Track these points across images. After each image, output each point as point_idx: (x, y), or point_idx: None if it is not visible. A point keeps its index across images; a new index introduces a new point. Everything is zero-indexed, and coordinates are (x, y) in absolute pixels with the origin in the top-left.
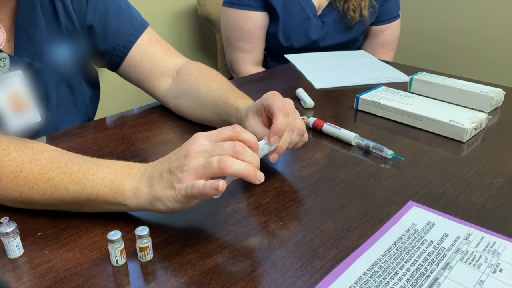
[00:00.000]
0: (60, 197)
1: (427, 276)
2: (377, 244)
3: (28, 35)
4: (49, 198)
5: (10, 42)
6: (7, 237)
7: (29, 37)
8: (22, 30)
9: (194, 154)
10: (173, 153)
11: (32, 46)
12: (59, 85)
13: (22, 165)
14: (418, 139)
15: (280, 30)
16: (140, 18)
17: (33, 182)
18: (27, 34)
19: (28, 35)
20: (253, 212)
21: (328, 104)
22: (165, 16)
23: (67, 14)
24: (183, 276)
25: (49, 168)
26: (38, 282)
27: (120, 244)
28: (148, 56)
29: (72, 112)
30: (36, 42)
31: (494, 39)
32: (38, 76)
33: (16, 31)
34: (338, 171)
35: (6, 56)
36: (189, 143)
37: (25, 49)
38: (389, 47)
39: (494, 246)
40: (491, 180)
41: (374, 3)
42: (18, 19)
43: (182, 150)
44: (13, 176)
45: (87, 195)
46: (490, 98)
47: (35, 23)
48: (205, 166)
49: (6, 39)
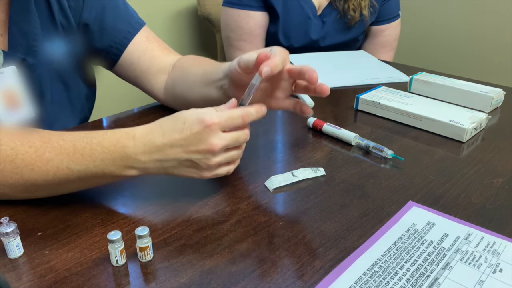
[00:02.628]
0: (65, 177)
1: (427, 276)
2: (377, 244)
3: (21, 30)
4: (53, 179)
5: (4, 37)
6: (7, 237)
7: (22, 32)
8: (16, 25)
9: (218, 151)
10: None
11: (26, 41)
12: (54, 81)
13: (16, 148)
14: (418, 139)
15: (280, 30)
16: (137, 16)
17: (33, 164)
18: (21, 29)
19: (21, 30)
20: (253, 212)
21: (328, 104)
22: (165, 16)
23: (61, 10)
24: (183, 276)
25: (45, 149)
26: (38, 282)
27: (120, 244)
28: (146, 54)
29: (67, 108)
30: (30, 38)
31: (494, 39)
32: (32, 71)
33: (9, 26)
34: (338, 171)
35: (0, 51)
36: (207, 135)
37: (19, 44)
38: (389, 47)
39: (494, 246)
40: (491, 180)
41: (374, 3)
42: (12, 14)
43: (202, 144)
44: (10, 160)
45: (93, 173)
46: (490, 98)
47: (28, 18)
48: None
49: (1, 35)
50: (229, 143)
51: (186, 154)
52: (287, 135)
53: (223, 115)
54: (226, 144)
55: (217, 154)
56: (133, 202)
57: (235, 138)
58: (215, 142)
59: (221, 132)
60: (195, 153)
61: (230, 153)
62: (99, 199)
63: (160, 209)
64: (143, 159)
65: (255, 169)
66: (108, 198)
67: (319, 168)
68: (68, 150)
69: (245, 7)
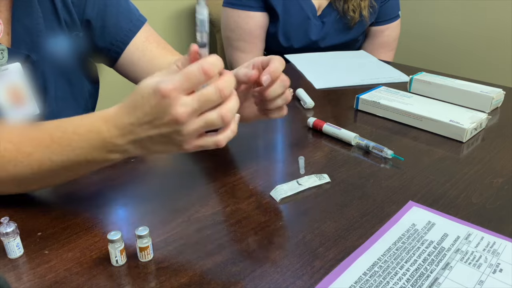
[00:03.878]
0: (50, 169)
1: (427, 276)
2: (377, 244)
3: (25, 27)
4: (39, 171)
5: (8, 34)
6: (7, 237)
7: (26, 29)
8: (19, 22)
9: (186, 119)
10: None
11: (29, 38)
12: (58, 77)
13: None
14: (418, 139)
15: (280, 30)
16: (138, 13)
17: (15, 159)
18: (25, 26)
19: (25, 27)
20: (253, 212)
21: (328, 104)
22: (165, 16)
23: (65, 7)
24: (183, 276)
25: (24, 143)
26: (38, 282)
27: (120, 244)
28: (145, 55)
29: (70, 105)
30: (33, 34)
31: (494, 39)
32: (36, 68)
33: (13, 23)
34: (338, 171)
35: (4, 48)
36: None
37: (23, 41)
38: (389, 48)
39: (494, 246)
40: (491, 180)
41: (374, 4)
42: (15, 11)
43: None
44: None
45: (77, 162)
46: (490, 98)
47: (31, 15)
48: (206, 127)
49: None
50: (197, 106)
51: (155, 130)
52: (287, 135)
53: (178, 77)
54: (194, 108)
55: (187, 123)
56: (133, 202)
57: (203, 98)
58: (178, 110)
59: (185, 96)
60: (163, 126)
61: (206, 117)
62: (99, 199)
63: (160, 209)
64: (119, 142)
65: (255, 169)
66: (108, 198)
67: (324, 174)
68: (46, 142)
69: (245, 7)
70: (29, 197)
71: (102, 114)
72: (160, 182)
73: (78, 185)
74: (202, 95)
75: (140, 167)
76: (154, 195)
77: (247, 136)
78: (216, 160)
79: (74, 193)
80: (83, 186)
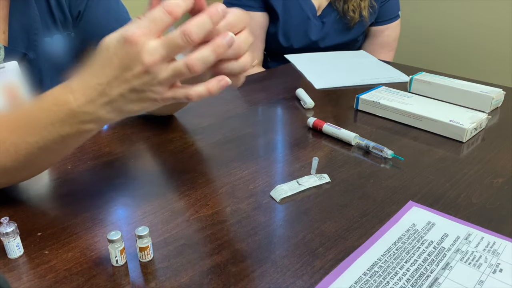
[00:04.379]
0: (27, 151)
1: (427, 276)
2: (377, 244)
3: (22, 25)
4: (18, 157)
5: (5, 33)
6: (7, 237)
7: (23, 27)
8: (16, 20)
9: (155, 69)
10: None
11: (26, 36)
12: (54, 75)
13: None
14: (418, 139)
15: (280, 30)
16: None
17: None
18: (21, 24)
19: (22, 25)
20: (253, 212)
21: (328, 104)
22: None
23: (58, 5)
24: (183, 276)
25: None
26: (38, 282)
27: (120, 244)
28: None
29: None
30: (30, 32)
31: (494, 39)
32: (33, 66)
33: (10, 21)
34: (338, 171)
35: (1, 46)
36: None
37: (20, 39)
38: (389, 48)
39: (494, 246)
40: (491, 180)
41: (374, 4)
42: (12, 9)
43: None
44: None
45: (52, 140)
46: (490, 98)
47: (28, 13)
48: (175, 76)
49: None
50: (164, 52)
51: (126, 85)
52: (287, 135)
53: (143, 22)
54: (162, 54)
55: (159, 70)
56: (133, 202)
57: (168, 42)
58: (147, 57)
59: (152, 42)
60: (133, 79)
61: (174, 64)
62: (99, 199)
63: (160, 209)
64: (90, 109)
65: (255, 169)
66: (108, 198)
67: (324, 174)
68: (17, 124)
69: (245, 7)
70: (29, 197)
71: (67, 83)
72: (160, 182)
73: (78, 185)
74: (167, 39)
75: (140, 167)
76: (154, 195)
77: (247, 136)
78: (216, 160)
79: (74, 193)
80: (83, 186)
